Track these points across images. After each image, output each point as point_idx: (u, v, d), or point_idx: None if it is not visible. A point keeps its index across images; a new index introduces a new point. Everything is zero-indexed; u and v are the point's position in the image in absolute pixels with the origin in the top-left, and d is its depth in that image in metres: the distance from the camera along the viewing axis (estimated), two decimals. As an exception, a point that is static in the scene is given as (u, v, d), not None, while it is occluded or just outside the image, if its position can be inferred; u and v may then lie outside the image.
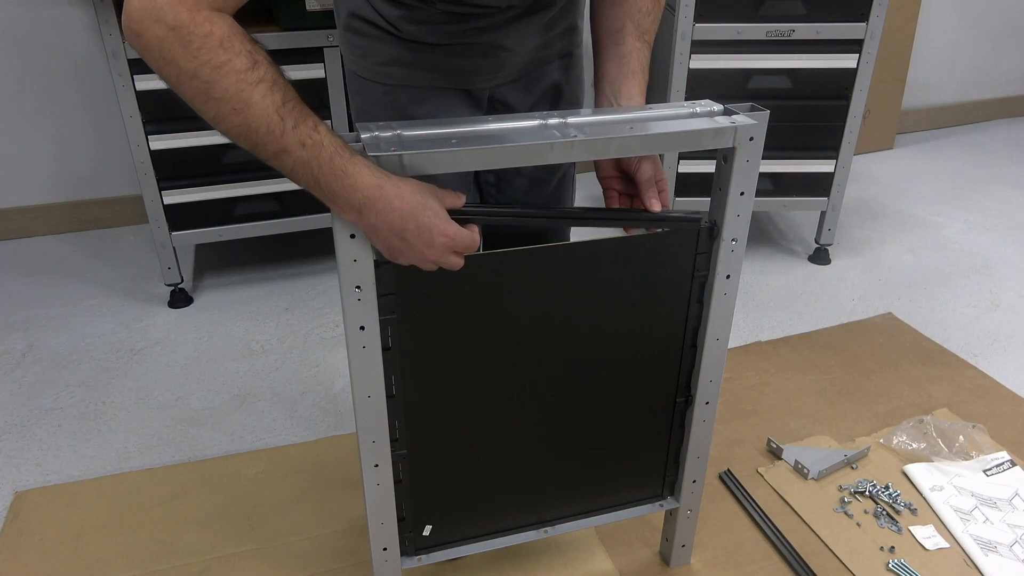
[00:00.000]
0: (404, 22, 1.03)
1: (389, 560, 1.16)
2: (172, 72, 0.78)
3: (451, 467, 1.15)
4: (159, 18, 0.75)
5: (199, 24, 0.76)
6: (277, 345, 2.08)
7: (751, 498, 1.55)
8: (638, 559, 1.43)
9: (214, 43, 0.76)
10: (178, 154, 2.09)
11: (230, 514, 1.53)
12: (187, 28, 0.75)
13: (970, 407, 1.82)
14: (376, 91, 1.09)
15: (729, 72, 2.23)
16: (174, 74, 0.78)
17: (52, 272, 2.44)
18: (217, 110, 0.79)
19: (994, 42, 3.58)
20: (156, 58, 0.77)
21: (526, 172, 1.23)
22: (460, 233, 0.91)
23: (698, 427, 1.23)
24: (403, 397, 1.06)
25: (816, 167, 2.35)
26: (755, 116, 1.00)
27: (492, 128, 0.94)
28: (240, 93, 0.78)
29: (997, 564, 1.40)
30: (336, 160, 0.83)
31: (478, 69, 1.09)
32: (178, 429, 1.77)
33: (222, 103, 0.78)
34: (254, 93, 0.78)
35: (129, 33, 0.78)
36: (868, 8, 2.13)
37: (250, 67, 0.78)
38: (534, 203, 1.27)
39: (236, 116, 0.79)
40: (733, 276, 1.11)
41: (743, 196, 1.04)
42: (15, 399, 1.87)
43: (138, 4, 0.76)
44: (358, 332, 0.97)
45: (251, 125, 0.80)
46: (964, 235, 2.70)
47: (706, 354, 1.16)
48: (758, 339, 2.10)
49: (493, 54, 1.08)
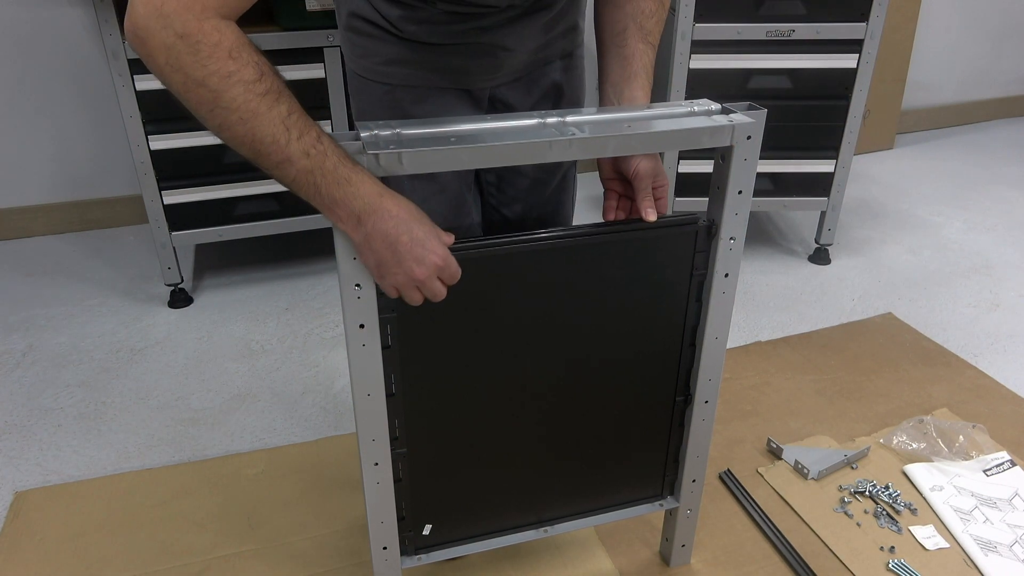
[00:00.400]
0: (405, 22, 1.03)
1: (389, 559, 1.16)
2: (179, 79, 0.77)
3: (451, 466, 1.15)
4: (167, 25, 0.75)
5: (208, 33, 0.76)
6: (277, 345, 2.08)
7: (751, 498, 1.55)
8: (638, 559, 1.43)
9: (223, 53, 0.77)
10: (178, 154, 2.09)
11: (230, 514, 1.53)
12: (196, 36, 0.75)
13: (970, 407, 1.82)
14: (376, 91, 1.09)
15: (729, 72, 2.23)
16: (180, 81, 0.78)
17: (52, 272, 2.44)
18: (224, 119, 0.79)
19: (994, 42, 3.59)
20: (162, 64, 0.77)
21: (527, 172, 1.23)
22: (450, 258, 0.92)
23: (697, 426, 1.23)
24: (403, 396, 1.06)
25: (816, 167, 2.35)
26: (752, 115, 1.00)
27: (491, 127, 0.94)
28: (248, 104, 0.78)
29: (997, 564, 1.40)
30: (340, 169, 0.84)
31: (478, 69, 1.09)
32: (178, 429, 1.77)
33: (229, 112, 0.79)
34: (261, 104, 0.79)
35: (133, 38, 0.77)
36: (868, 8, 2.13)
37: (257, 78, 0.79)
38: (536, 203, 1.26)
39: (242, 126, 0.79)
40: (732, 275, 1.11)
41: (741, 195, 1.04)
42: (15, 399, 1.87)
43: (143, 10, 0.75)
44: (358, 330, 0.97)
45: (257, 135, 0.80)
46: (964, 235, 2.70)
47: (705, 353, 1.16)
48: (758, 339, 2.10)
49: (493, 54, 1.08)
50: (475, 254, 0.99)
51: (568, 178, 1.30)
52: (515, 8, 1.04)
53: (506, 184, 1.25)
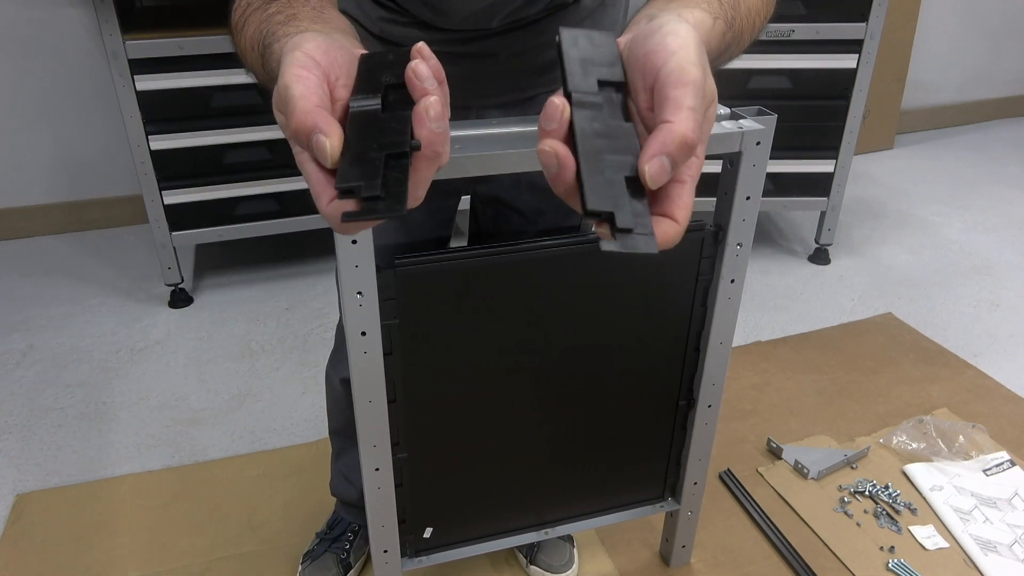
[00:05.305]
0: (385, 23, 1.00)
1: (390, 562, 1.17)
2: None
3: (452, 470, 1.15)
4: None
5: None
6: (277, 345, 2.08)
7: (751, 498, 1.56)
8: (638, 559, 1.43)
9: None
10: (178, 154, 2.09)
11: (231, 515, 1.53)
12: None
13: (970, 407, 1.82)
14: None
15: (729, 72, 2.23)
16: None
17: (52, 272, 2.44)
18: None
19: (994, 42, 3.58)
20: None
21: (523, 208, 1.16)
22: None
23: (700, 430, 1.23)
24: (404, 401, 1.06)
25: (816, 167, 2.35)
26: (762, 120, 0.99)
27: (469, 134, 0.92)
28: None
29: (997, 564, 1.40)
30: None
31: (461, 84, 1.03)
32: (178, 429, 1.77)
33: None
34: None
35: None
36: (868, 8, 2.13)
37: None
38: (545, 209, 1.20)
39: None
40: (738, 280, 1.11)
41: (749, 200, 1.04)
42: (15, 399, 1.87)
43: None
44: (359, 337, 0.97)
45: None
46: (964, 235, 2.70)
47: (709, 357, 1.16)
48: (758, 339, 2.11)
49: (476, 70, 1.01)
50: (478, 261, 0.98)
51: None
52: (488, 31, 0.97)
53: (503, 220, 1.18)
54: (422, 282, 0.97)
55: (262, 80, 0.68)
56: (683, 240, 1.05)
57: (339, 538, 1.39)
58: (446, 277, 0.97)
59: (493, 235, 1.20)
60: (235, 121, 2.10)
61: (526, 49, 1.03)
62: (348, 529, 1.40)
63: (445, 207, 1.18)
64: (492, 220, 1.20)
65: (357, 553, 1.40)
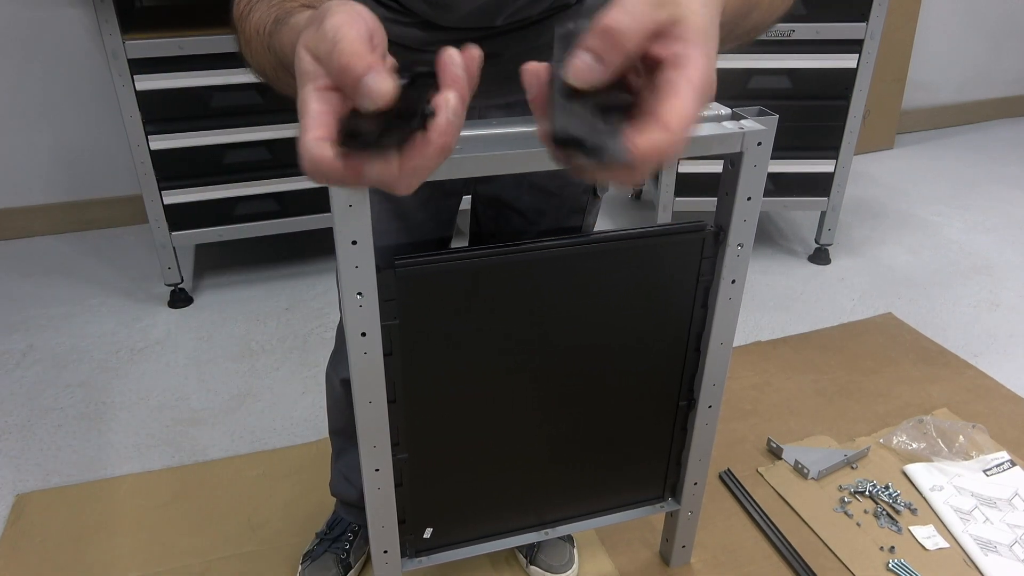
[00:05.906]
0: (386, 23, 0.99)
1: (390, 563, 1.17)
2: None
3: (452, 470, 1.15)
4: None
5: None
6: (277, 345, 2.08)
7: (751, 498, 1.56)
8: (638, 559, 1.43)
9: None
10: (178, 154, 2.09)
11: (231, 515, 1.53)
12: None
13: (970, 407, 1.82)
14: None
15: (729, 72, 2.23)
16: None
17: (52, 272, 2.44)
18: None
19: (994, 42, 3.58)
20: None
21: (523, 208, 1.16)
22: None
23: (700, 430, 1.23)
24: (404, 402, 1.06)
25: (816, 167, 2.35)
26: (763, 121, 0.99)
27: (469, 134, 0.92)
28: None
29: (997, 564, 1.40)
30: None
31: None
32: (178, 429, 1.77)
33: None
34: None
35: None
36: (868, 8, 2.13)
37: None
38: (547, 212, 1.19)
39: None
40: (738, 281, 1.10)
41: (750, 201, 1.04)
42: (15, 399, 1.87)
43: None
44: (359, 338, 0.97)
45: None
46: (964, 235, 2.70)
47: (709, 358, 1.16)
48: (758, 339, 2.11)
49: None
50: (479, 262, 0.98)
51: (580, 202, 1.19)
52: (486, 30, 0.96)
53: (503, 221, 1.18)
54: (422, 283, 0.96)
55: (265, 67, 0.69)
56: (684, 241, 1.06)
57: (339, 538, 1.39)
58: (446, 278, 0.97)
59: (494, 235, 1.20)
60: (235, 121, 2.10)
61: (529, 49, 1.02)
62: (348, 529, 1.41)
63: (446, 207, 1.18)
64: (493, 220, 1.20)
65: (357, 553, 1.40)
